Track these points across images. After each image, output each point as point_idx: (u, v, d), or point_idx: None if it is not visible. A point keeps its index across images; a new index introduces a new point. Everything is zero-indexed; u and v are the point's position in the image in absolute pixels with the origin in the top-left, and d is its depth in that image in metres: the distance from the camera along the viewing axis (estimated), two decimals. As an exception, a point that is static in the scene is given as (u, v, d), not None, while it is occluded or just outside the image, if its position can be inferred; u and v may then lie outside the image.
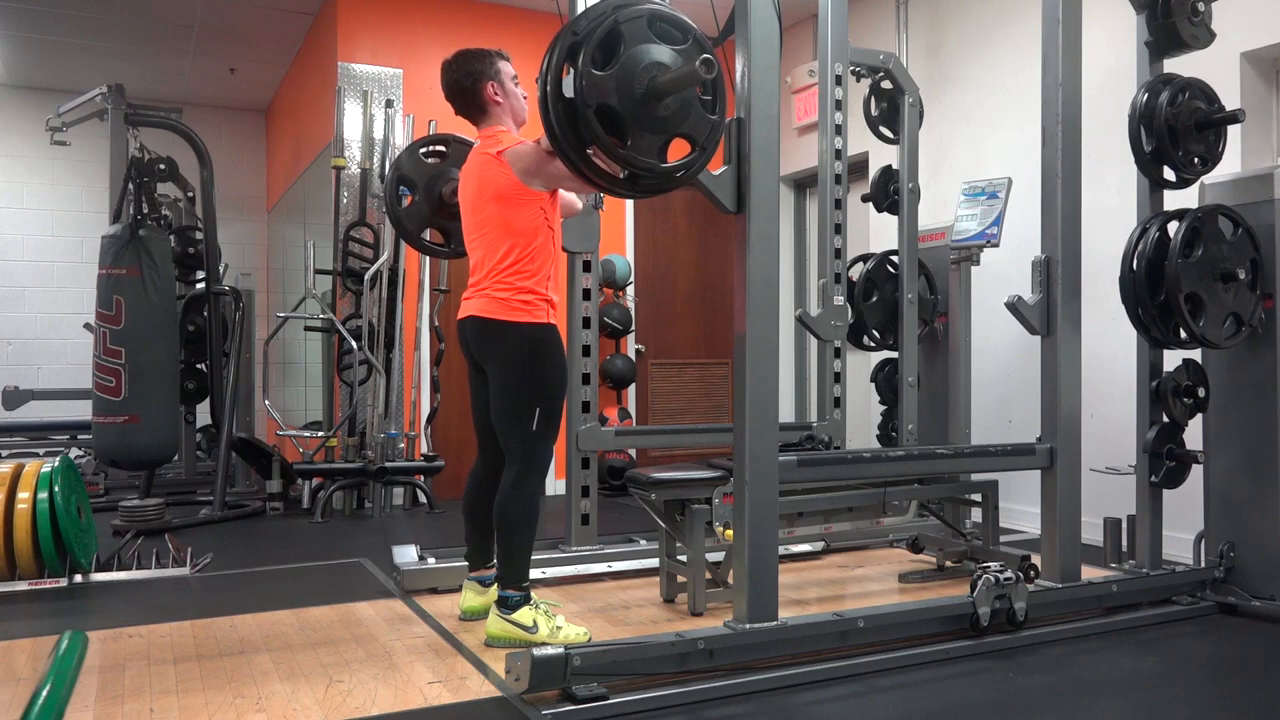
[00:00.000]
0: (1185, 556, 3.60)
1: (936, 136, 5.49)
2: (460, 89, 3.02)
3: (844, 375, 4.18)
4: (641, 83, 2.31)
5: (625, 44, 2.32)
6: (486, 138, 3.02)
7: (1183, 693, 2.63)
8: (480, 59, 3.02)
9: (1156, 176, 3.38)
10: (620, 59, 2.31)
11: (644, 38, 2.35)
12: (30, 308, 7.97)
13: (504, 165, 2.88)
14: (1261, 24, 3.99)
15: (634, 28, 2.34)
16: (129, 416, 4.81)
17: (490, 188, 2.92)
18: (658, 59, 2.34)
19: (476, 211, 2.99)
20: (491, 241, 2.93)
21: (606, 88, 2.29)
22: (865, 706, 2.47)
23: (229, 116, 8.67)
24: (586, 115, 2.27)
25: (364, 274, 5.64)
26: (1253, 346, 3.30)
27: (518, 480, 2.91)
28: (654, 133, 2.36)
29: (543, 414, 2.91)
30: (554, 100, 2.29)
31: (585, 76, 2.26)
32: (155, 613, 3.33)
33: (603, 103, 2.29)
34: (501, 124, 3.04)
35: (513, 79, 3.08)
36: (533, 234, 2.91)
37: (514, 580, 2.88)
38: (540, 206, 2.91)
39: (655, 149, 2.38)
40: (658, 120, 2.35)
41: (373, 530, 5.06)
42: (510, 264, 2.90)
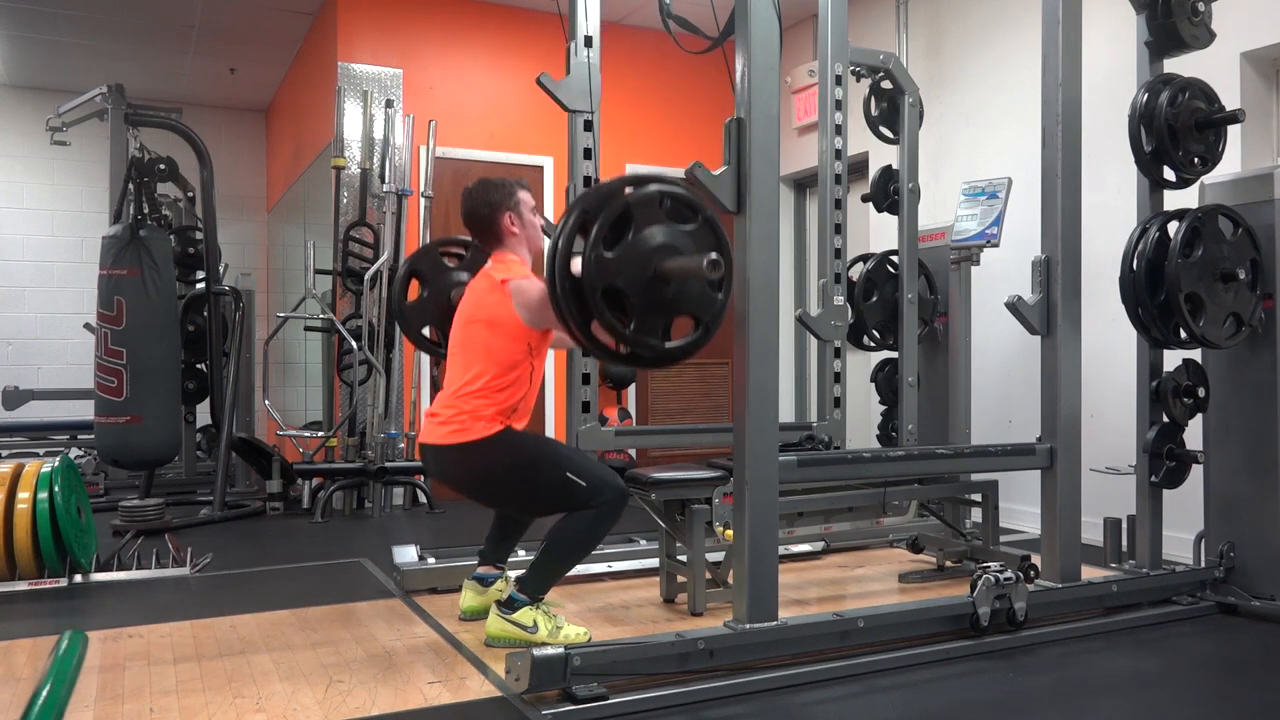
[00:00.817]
0: (1185, 556, 3.60)
1: (936, 136, 5.49)
2: (478, 218, 3.05)
3: (844, 375, 4.17)
4: (649, 267, 2.33)
5: (635, 225, 2.34)
6: (498, 262, 3.04)
7: (1183, 693, 2.63)
8: (499, 189, 3.05)
9: (1156, 176, 3.38)
10: (629, 240, 2.33)
11: (654, 219, 2.37)
12: (30, 308, 7.97)
13: (506, 296, 2.89)
14: (1261, 24, 3.99)
15: (645, 210, 2.36)
16: (131, 417, 4.82)
17: (484, 311, 2.93)
18: (666, 241, 2.36)
19: (465, 328, 3.00)
20: (468, 361, 2.93)
21: (614, 269, 2.31)
22: (865, 706, 2.47)
23: (229, 116, 8.67)
24: (593, 296, 2.29)
25: (364, 274, 5.64)
26: (1253, 346, 3.30)
27: (596, 519, 2.88)
28: (659, 314, 2.38)
29: (573, 471, 2.87)
30: (562, 277, 2.32)
31: (594, 259, 2.29)
32: (155, 613, 3.33)
33: (609, 284, 2.31)
34: (516, 252, 3.06)
35: (531, 209, 3.10)
36: (510, 367, 2.89)
37: (535, 591, 2.89)
38: (528, 343, 2.91)
39: (659, 329, 2.40)
40: (663, 301, 2.37)
41: (373, 530, 5.06)
42: (478, 388, 2.88)
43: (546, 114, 4.65)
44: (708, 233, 2.42)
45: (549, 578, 2.93)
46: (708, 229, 2.42)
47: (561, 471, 2.86)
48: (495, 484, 2.92)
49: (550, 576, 2.93)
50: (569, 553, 2.92)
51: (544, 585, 2.92)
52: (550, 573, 2.93)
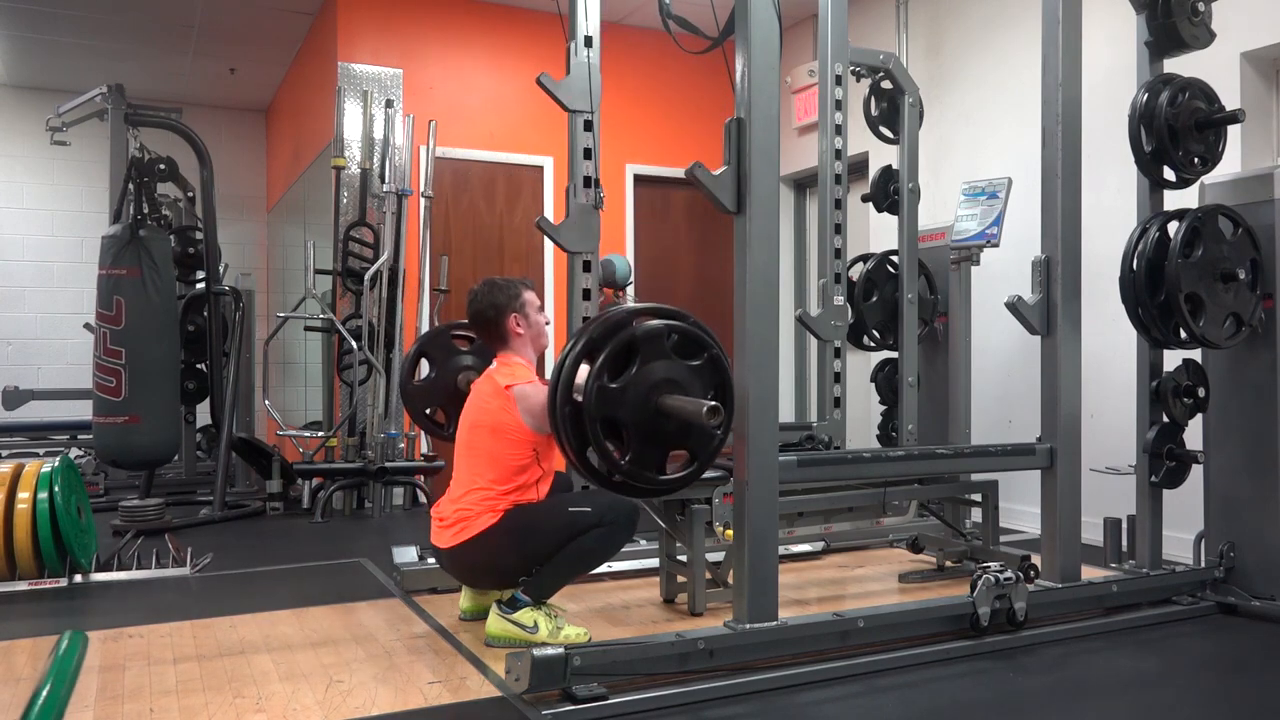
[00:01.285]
0: (1185, 556, 3.60)
1: (936, 136, 5.49)
2: (485, 319, 3.08)
3: (844, 375, 4.17)
4: (650, 400, 2.36)
5: (640, 358, 2.37)
6: (502, 364, 3.07)
7: (1183, 693, 2.63)
8: (504, 291, 3.08)
9: (1156, 176, 3.37)
10: (633, 372, 2.36)
11: (660, 353, 2.40)
12: (30, 308, 7.97)
13: (510, 402, 2.91)
14: (1261, 24, 3.99)
15: (651, 344, 2.39)
16: (129, 417, 4.82)
17: (489, 417, 2.96)
18: (670, 376, 2.39)
19: (472, 432, 3.02)
20: (477, 469, 2.96)
21: (615, 400, 2.34)
22: (865, 706, 2.47)
23: (229, 116, 8.67)
24: (592, 424, 2.32)
25: (364, 274, 5.64)
26: (1253, 346, 3.30)
27: (606, 535, 2.90)
28: (655, 446, 2.42)
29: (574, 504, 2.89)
30: (563, 401, 2.36)
31: (596, 389, 2.31)
32: (155, 613, 3.33)
33: (609, 415, 2.34)
34: (521, 353, 3.09)
35: (536, 309, 3.13)
36: (518, 471, 2.92)
37: (539, 595, 2.90)
38: (534, 448, 2.93)
39: (654, 461, 2.42)
40: (661, 435, 2.41)
41: (373, 530, 5.05)
42: (486, 496, 2.91)
43: (546, 114, 4.65)
44: (712, 371, 2.48)
45: (555, 584, 2.95)
46: (713, 367, 2.47)
47: (564, 509, 2.89)
48: (509, 558, 2.91)
49: (556, 583, 2.95)
50: (579, 564, 2.94)
51: (548, 590, 2.93)
52: (557, 579, 2.94)
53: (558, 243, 3.75)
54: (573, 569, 2.95)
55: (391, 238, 5.67)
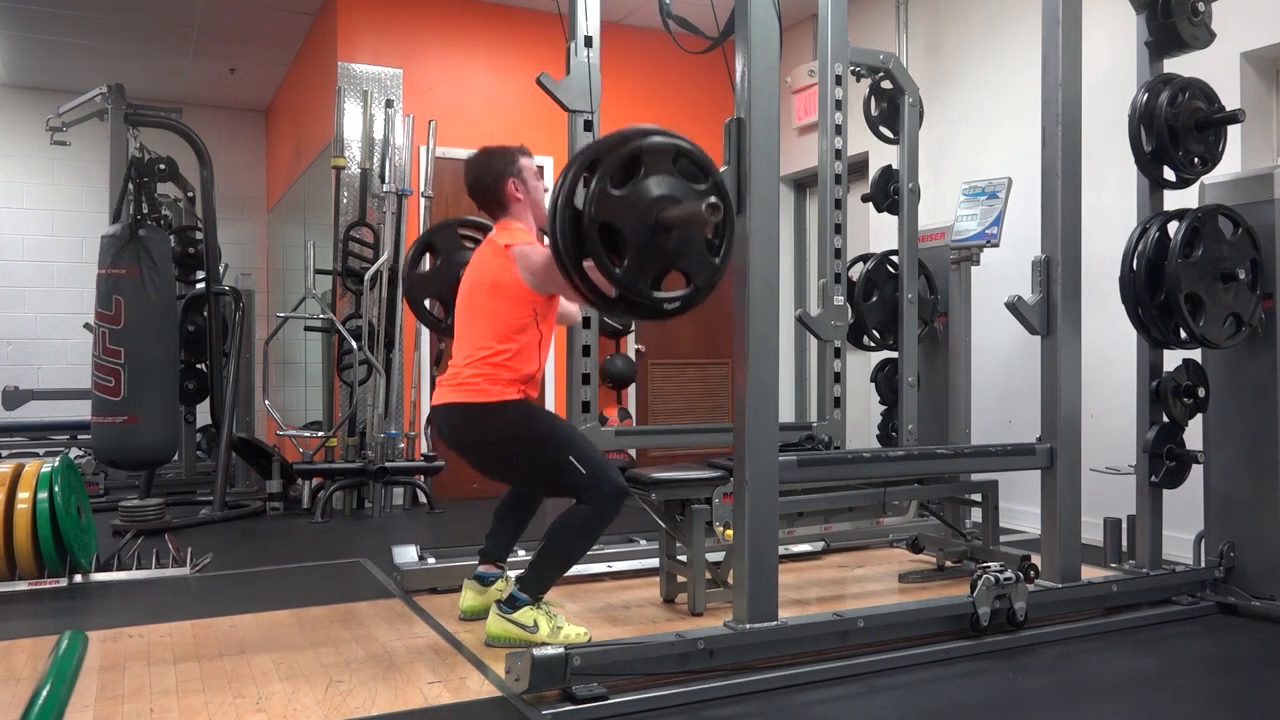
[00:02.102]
0: (1185, 556, 3.60)
1: (936, 136, 5.49)
2: (483, 186, 3.06)
3: (844, 375, 4.17)
4: (651, 212, 2.33)
5: (644, 170, 2.34)
6: (501, 229, 3.05)
7: (1183, 693, 2.63)
8: (502, 157, 3.06)
9: (1156, 176, 3.37)
10: (635, 183, 2.33)
11: (664, 169, 2.37)
12: (30, 308, 7.97)
13: (509, 260, 2.90)
14: (1261, 24, 3.99)
15: (656, 159, 2.36)
16: (128, 416, 4.81)
17: (489, 276, 2.94)
18: (672, 193, 2.35)
19: (471, 295, 3.01)
20: (477, 329, 2.94)
21: (616, 208, 2.30)
22: (865, 706, 2.47)
23: (229, 116, 8.67)
24: (591, 230, 2.29)
25: (364, 274, 5.64)
26: (1253, 346, 3.30)
27: (592, 516, 2.87)
28: (653, 261, 2.37)
29: (576, 455, 2.87)
30: (564, 207, 2.31)
31: (598, 192, 2.28)
32: (155, 613, 3.33)
33: (609, 221, 2.30)
34: (520, 219, 3.07)
35: (534, 175, 3.11)
36: (518, 330, 2.90)
37: (535, 590, 2.90)
38: (534, 308, 2.91)
39: (650, 277, 2.38)
40: (660, 250, 2.36)
41: (373, 530, 5.05)
42: (489, 355, 2.89)
43: (546, 114, 4.65)
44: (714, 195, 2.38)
45: (549, 576, 2.93)
46: (716, 193, 2.40)
47: (565, 454, 2.86)
48: (502, 452, 2.91)
49: (550, 574, 2.93)
50: (567, 550, 2.91)
51: (544, 584, 2.92)
52: (549, 571, 2.92)
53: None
54: (564, 558, 2.92)
55: (391, 238, 5.67)
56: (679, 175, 2.39)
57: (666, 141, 2.38)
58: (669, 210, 2.33)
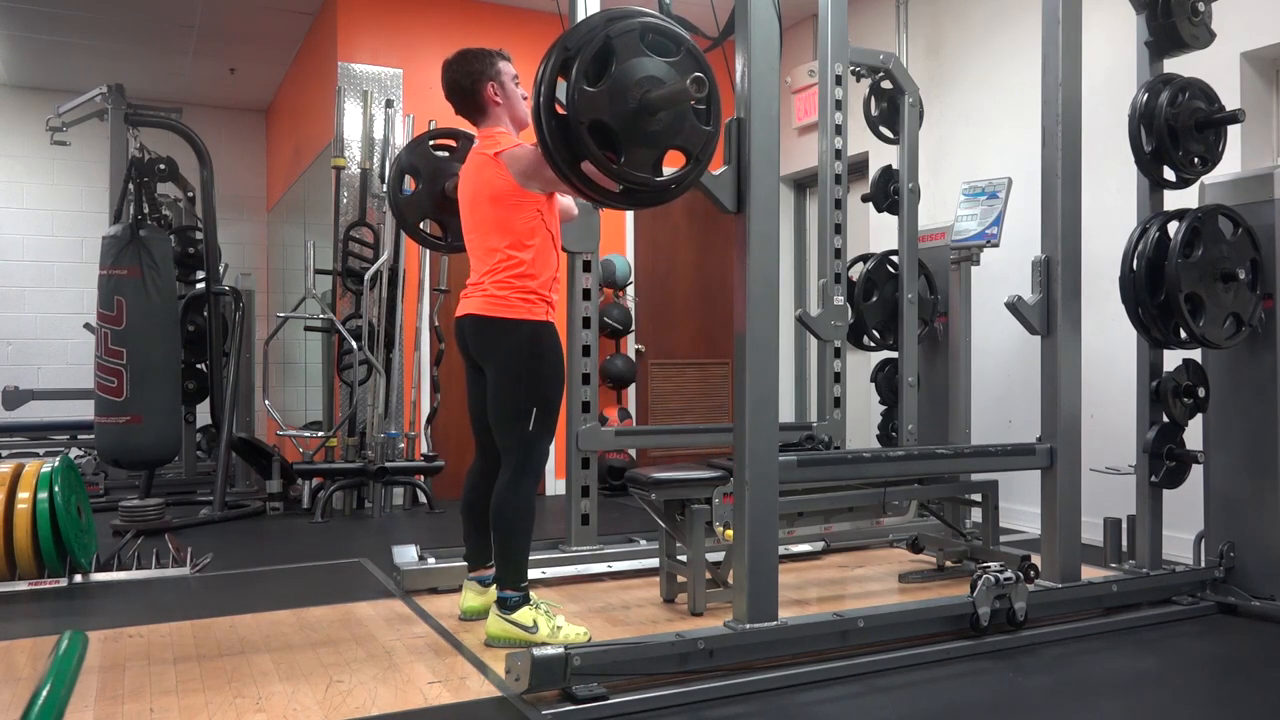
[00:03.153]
0: (1185, 556, 3.60)
1: (936, 136, 5.49)
2: (460, 88, 3.01)
3: (844, 375, 4.18)
4: (634, 98, 2.31)
5: (617, 59, 2.32)
6: (485, 138, 3.02)
7: (1183, 693, 2.63)
8: (480, 59, 3.01)
9: (1156, 176, 3.37)
10: (612, 74, 2.31)
11: (636, 51, 2.35)
12: (30, 308, 7.97)
13: (501, 167, 2.88)
14: (1261, 24, 3.99)
15: (626, 42, 2.34)
16: (131, 416, 4.82)
17: (487, 188, 2.92)
18: (650, 73, 2.34)
19: (474, 211, 2.99)
20: (489, 241, 2.93)
21: (599, 104, 2.29)
22: (865, 706, 2.47)
23: (229, 116, 8.67)
24: (579, 131, 2.27)
25: (364, 274, 5.64)
26: (1253, 346, 3.30)
27: (513, 481, 2.90)
28: (647, 147, 2.36)
29: (539, 414, 2.90)
30: (547, 116, 2.30)
31: (578, 93, 2.26)
32: (155, 613, 3.33)
33: (595, 119, 2.29)
34: (500, 125, 3.03)
35: (513, 79, 3.07)
36: (529, 234, 2.90)
37: (512, 581, 2.88)
38: (537, 209, 2.91)
39: (649, 163, 2.38)
40: (651, 135, 2.35)
41: (373, 530, 5.05)
42: (509, 263, 2.89)
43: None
44: (690, 63, 2.39)
45: (513, 561, 2.89)
46: (690, 60, 2.40)
47: (533, 403, 2.88)
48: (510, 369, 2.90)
49: (513, 559, 2.89)
50: (510, 523, 2.89)
51: (514, 570, 2.89)
52: (511, 556, 2.89)
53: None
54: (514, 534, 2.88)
55: (391, 238, 5.67)
56: (652, 53, 2.37)
57: (631, 23, 2.36)
58: (653, 94, 2.31)
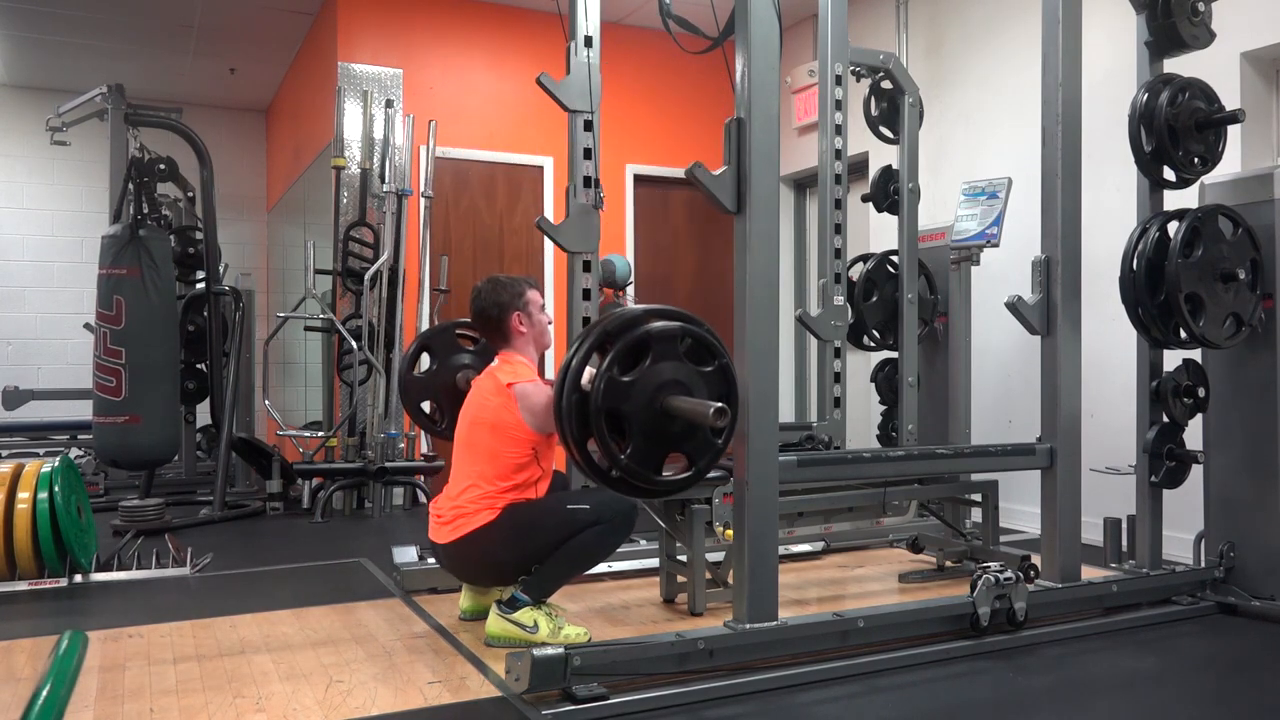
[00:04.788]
0: (1185, 556, 3.60)
1: (936, 136, 5.49)
2: (487, 317, 3.08)
3: (844, 375, 4.17)
4: (657, 400, 2.37)
5: (652, 356, 2.38)
6: (504, 362, 3.06)
7: (1183, 693, 2.63)
8: (509, 289, 3.07)
9: (1156, 176, 3.37)
10: (643, 369, 2.37)
11: (672, 354, 2.41)
12: (30, 308, 7.97)
13: (511, 399, 2.91)
14: (1261, 24, 3.99)
15: (664, 344, 2.40)
16: (130, 416, 4.82)
17: (489, 414, 2.95)
18: (679, 378, 2.40)
19: (471, 431, 3.01)
20: (476, 466, 2.95)
21: (622, 394, 2.35)
22: (865, 706, 2.47)
23: (229, 116, 8.67)
24: (597, 415, 2.33)
25: (364, 274, 5.64)
26: (1253, 346, 3.30)
27: (605, 533, 2.90)
28: (656, 446, 2.42)
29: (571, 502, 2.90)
30: (570, 390, 2.36)
31: (606, 379, 2.32)
32: (155, 613, 3.33)
33: (615, 407, 2.34)
34: (523, 352, 3.08)
35: (539, 309, 3.13)
36: (517, 470, 2.92)
37: (538, 594, 2.90)
38: (533, 447, 2.93)
39: (654, 461, 2.43)
40: (663, 435, 2.41)
41: (373, 530, 5.05)
42: (485, 494, 2.91)
43: (546, 114, 4.65)
44: (721, 380, 2.48)
45: (554, 582, 2.95)
46: (722, 376, 2.48)
47: (562, 507, 2.90)
48: (507, 554, 2.90)
49: (554, 581, 2.95)
50: (577, 562, 2.94)
51: (547, 589, 2.93)
52: (555, 578, 2.94)
53: (558, 243, 3.75)
54: (571, 567, 2.94)
55: (391, 238, 5.67)
56: (686, 357, 2.44)
57: (673, 327, 2.43)
58: (676, 400, 2.37)
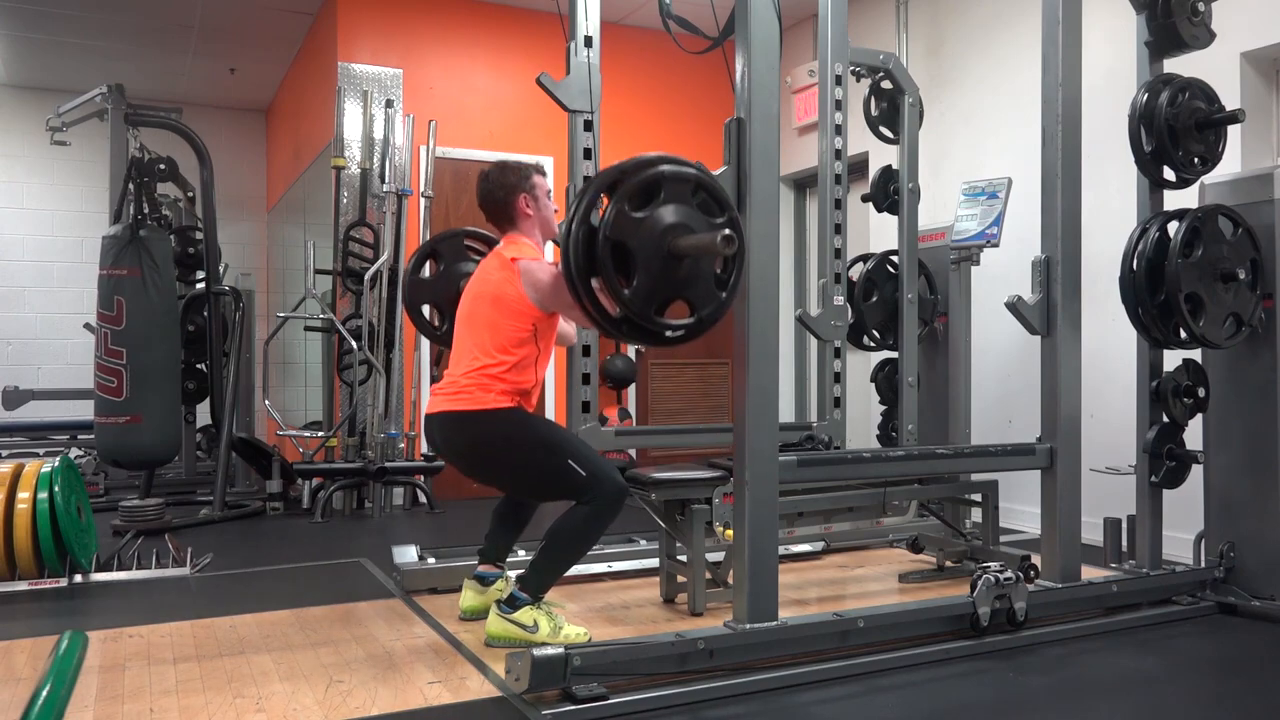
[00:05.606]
0: (1185, 556, 3.60)
1: (936, 136, 5.49)
2: (494, 199, 3.07)
3: (844, 375, 4.17)
4: (665, 237, 2.35)
5: (664, 196, 2.36)
6: (509, 242, 3.06)
7: (1183, 693, 2.63)
8: (515, 172, 3.07)
9: (1156, 176, 3.37)
10: (653, 208, 2.35)
11: (683, 199, 2.39)
12: (30, 308, 7.97)
13: (515, 273, 2.91)
14: (1261, 24, 3.99)
15: (676, 187, 2.38)
16: (131, 416, 4.82)
17: (493, 289, 2.95)
18: (688, 223, 2.38)
19: (473, 304, 3.02)
20: (476, 338, 2.95)
21: (631, 229, 2.32)
22: (865, 706, 2.47)
23: (229, 116, 8.67)
24: (604, 247, 2.30)
25: (364, 274, 5.64)
26: (1253, 346, 3.30)
27: (592, 517, 2.87)
28: (661, 287, 2.39)
29: (575, 459, 2.87)
30: (579, 223, 2.33)
31: (616, 211, 2.30)
32: (155, 613, 3.33)
33: (622, 241, 2.32)
34: (529, 235, 3.08)
35: (546, 194, 3.12)
36: (517, 344, 2.91)
37: (536, 590, 2.90)
38: (534, 323, 2.92)
39: (656, 303, 2.40)
40: (668, 277, 2.38)
41: (373, 530, 5.06)
42: (487, 366, 2.90)
43: (547, 114, 4.65)
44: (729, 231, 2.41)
45: (549, 576, 2.93)
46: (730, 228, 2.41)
47: (564, 457, 2.86)
48: (497, 458, 2.92)
49: (550, 574, 2.93)
50: (568, 550, 2.92)
51: (544, 583, 2.92)
52: (550, 571, 2.93)
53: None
54: (564, 558, 2.92)
55: (391, 238, 5.67)
56: (697, 208, 2.41)
57: (688, 171, 2.41)
58: (684, 238, 2.35)
